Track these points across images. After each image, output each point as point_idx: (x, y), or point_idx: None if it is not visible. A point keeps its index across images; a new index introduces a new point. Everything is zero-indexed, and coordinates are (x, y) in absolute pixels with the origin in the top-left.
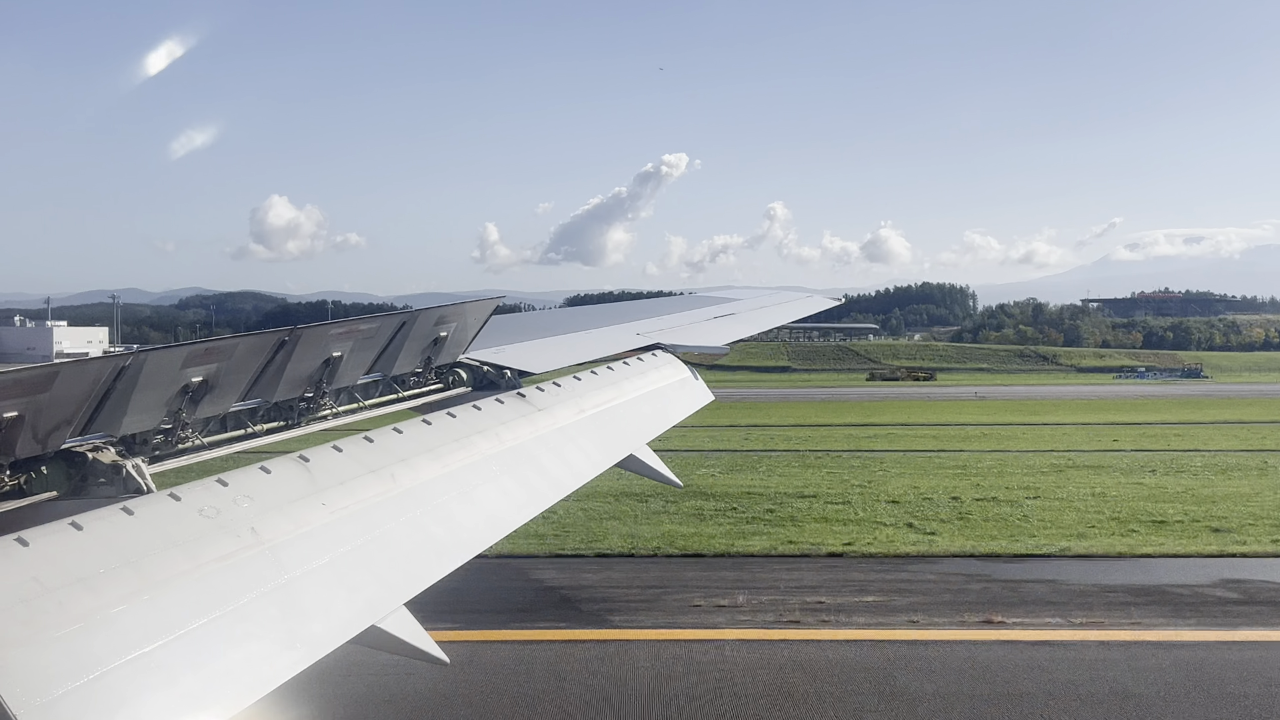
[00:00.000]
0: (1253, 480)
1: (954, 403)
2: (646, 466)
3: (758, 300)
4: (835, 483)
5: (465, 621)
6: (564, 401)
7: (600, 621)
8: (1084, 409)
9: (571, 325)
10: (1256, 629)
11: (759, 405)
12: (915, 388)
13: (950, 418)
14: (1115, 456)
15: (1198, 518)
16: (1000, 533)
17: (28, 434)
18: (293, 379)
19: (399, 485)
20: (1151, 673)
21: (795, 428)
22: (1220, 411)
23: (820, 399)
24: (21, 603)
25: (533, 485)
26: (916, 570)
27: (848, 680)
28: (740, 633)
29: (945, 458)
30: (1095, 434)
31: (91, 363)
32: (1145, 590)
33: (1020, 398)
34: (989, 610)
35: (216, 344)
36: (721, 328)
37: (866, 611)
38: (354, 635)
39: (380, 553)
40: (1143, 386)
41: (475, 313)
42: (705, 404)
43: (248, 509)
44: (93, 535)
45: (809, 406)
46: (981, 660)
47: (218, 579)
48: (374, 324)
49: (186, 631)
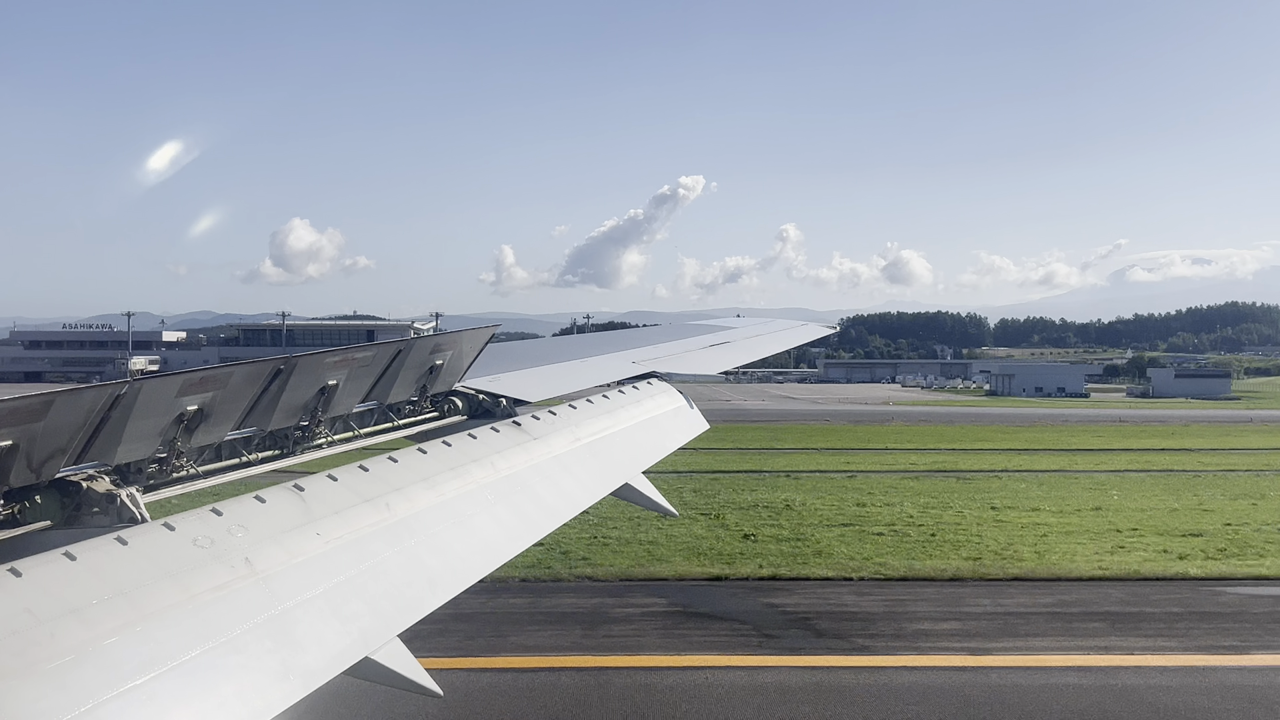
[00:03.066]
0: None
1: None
2: (642, 495)
3: (752, 329)
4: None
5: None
6: (560, 430)
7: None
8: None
9: (567, 353)
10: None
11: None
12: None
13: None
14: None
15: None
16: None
17: (22, 463)
18: (288, 407)
19: (394, 514)
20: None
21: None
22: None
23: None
24: (14, 634)
25: (528, 514)
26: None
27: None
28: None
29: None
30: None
31: (86, 391)
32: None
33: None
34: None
35: (212, 372)
36: (716, 356)
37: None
38: (348, 667)
39: (374, 583)
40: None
41: (471, 340)
42: (701, 432)
43: (242, 539)
44: (86, 566)
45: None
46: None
47: (211, 610)
48: (370, 352)
49: (180, 663)
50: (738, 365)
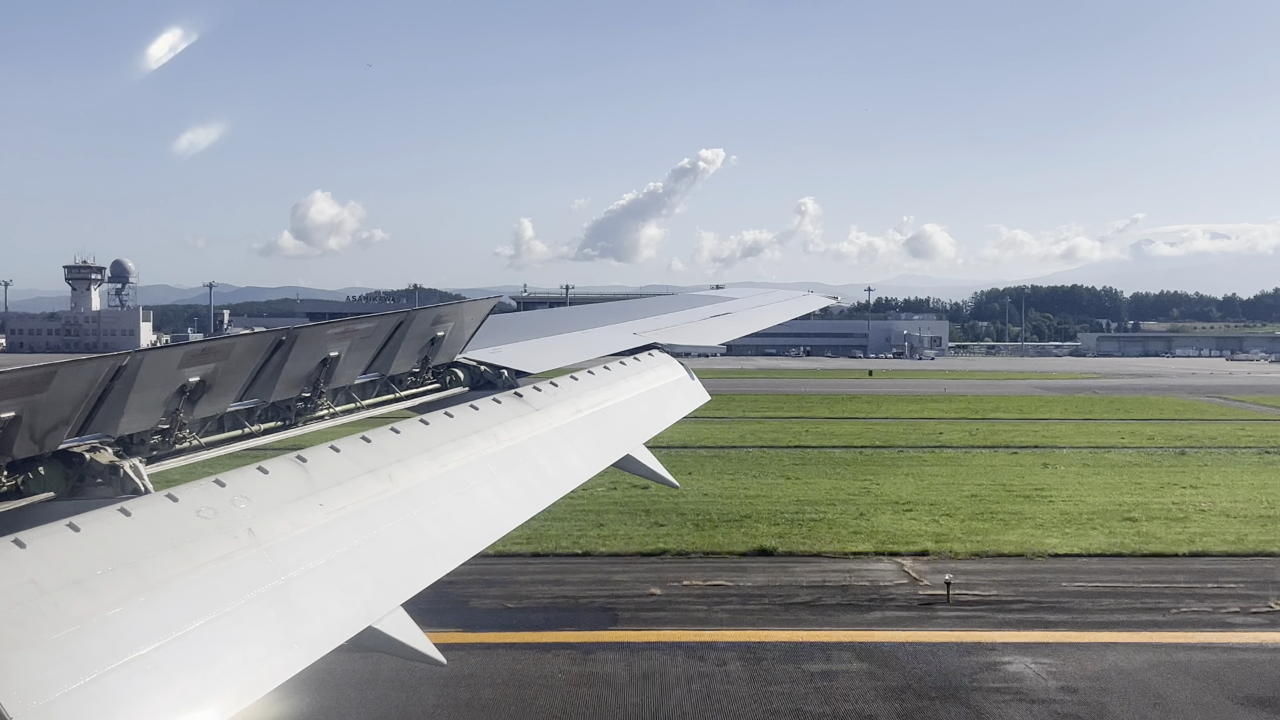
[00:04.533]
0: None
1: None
2: (643, 467)
3: (754, 299)
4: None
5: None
6: (561, 401)
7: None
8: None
9: (569, 325)
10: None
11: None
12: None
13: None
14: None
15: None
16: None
17: (25, 434)
18: (290, 379)
19: (396, 485)
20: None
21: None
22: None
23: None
24: (18, 605)
25: (530, 485)
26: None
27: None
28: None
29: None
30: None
31: (89, 362)
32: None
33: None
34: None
35: (214, 344)
36: (717, 327)
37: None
38: (351, 636)
39: (377, 553)
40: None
41: (472, 312)
42: (702, 404)
43: (245, 510)
44: (90, 537)
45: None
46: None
47: (215, 580)
48: (371, 324)
49: (184, 633)
50: (739, 336)
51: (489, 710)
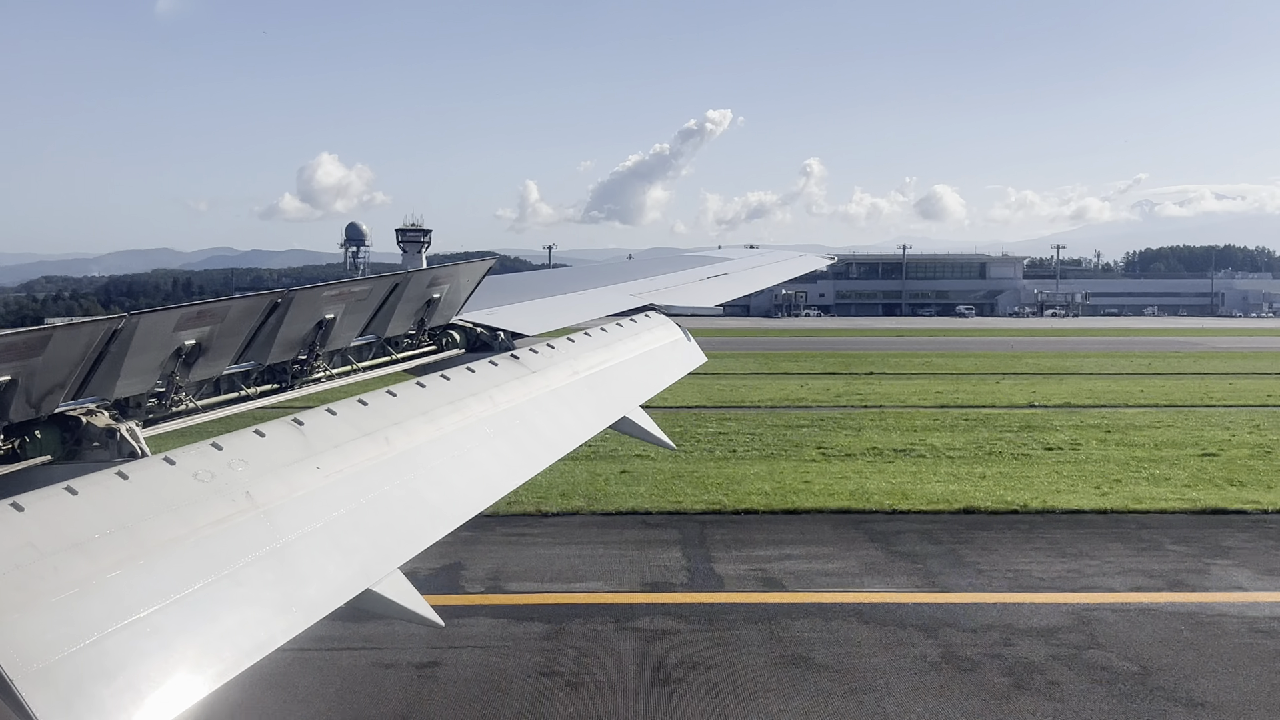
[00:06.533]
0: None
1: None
2: (639, 428)
3: (751, 260)
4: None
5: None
6: (557, 363)
7: None
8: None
9: (565, 286)
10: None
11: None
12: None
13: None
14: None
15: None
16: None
17: (21, 398)
18: (286, 341)
19: (393, 448)
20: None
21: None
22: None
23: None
24: (16, 568)
25: (526, 447)
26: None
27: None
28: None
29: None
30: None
31: (84, 325)
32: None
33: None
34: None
35: (209, 306)
36: (714, 288)
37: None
38: (349, 599)
39: (375, 516)
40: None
41: (469, 274)
42: (698, 365)
43: (242, 473)
44: (87, 500)
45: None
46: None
47: (212, 543)
48: (367, 286)
49: (182, 596)
50: (736, 297)
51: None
